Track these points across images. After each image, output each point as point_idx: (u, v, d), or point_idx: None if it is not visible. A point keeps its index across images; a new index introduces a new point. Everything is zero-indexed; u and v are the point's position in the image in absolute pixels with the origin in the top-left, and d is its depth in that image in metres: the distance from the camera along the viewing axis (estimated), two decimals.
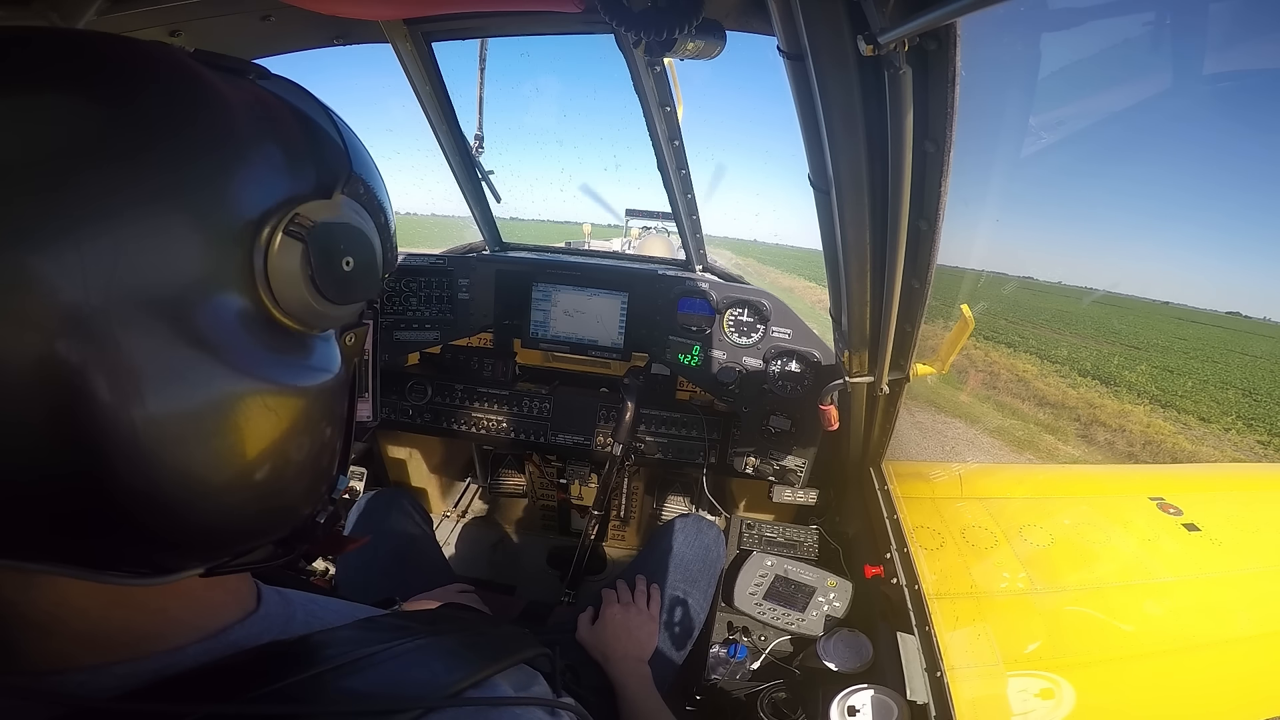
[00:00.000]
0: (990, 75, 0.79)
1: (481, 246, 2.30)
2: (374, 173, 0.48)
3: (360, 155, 0.46)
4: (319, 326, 0.42)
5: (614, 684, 1.21)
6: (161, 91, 0.35)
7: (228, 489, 0.38)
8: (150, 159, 0.33)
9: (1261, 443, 14.15)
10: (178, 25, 1.07)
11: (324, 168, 0.42)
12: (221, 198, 0.35)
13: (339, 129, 0.46)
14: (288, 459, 0.41)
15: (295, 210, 0.38)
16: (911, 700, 1.09)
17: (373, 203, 0.46)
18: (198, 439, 0.35)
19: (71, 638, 0.39)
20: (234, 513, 0.39)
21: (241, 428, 0.37)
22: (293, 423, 0.40)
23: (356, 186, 0.44)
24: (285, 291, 0.38)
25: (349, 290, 0.43)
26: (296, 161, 0.40)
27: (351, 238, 0.43)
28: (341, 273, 0.42)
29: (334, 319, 0.44)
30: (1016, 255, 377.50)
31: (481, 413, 2.03)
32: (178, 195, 0.33)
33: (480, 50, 2.04)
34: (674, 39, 0.85)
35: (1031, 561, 1.66)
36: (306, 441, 0.42)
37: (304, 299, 0.40)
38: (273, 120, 0.40)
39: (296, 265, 0.39)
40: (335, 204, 0.42)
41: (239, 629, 0.46)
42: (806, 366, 1.84)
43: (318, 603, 0.56)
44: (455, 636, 0.55)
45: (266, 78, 0.43)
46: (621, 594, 1.40)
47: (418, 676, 0.47)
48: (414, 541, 1.57)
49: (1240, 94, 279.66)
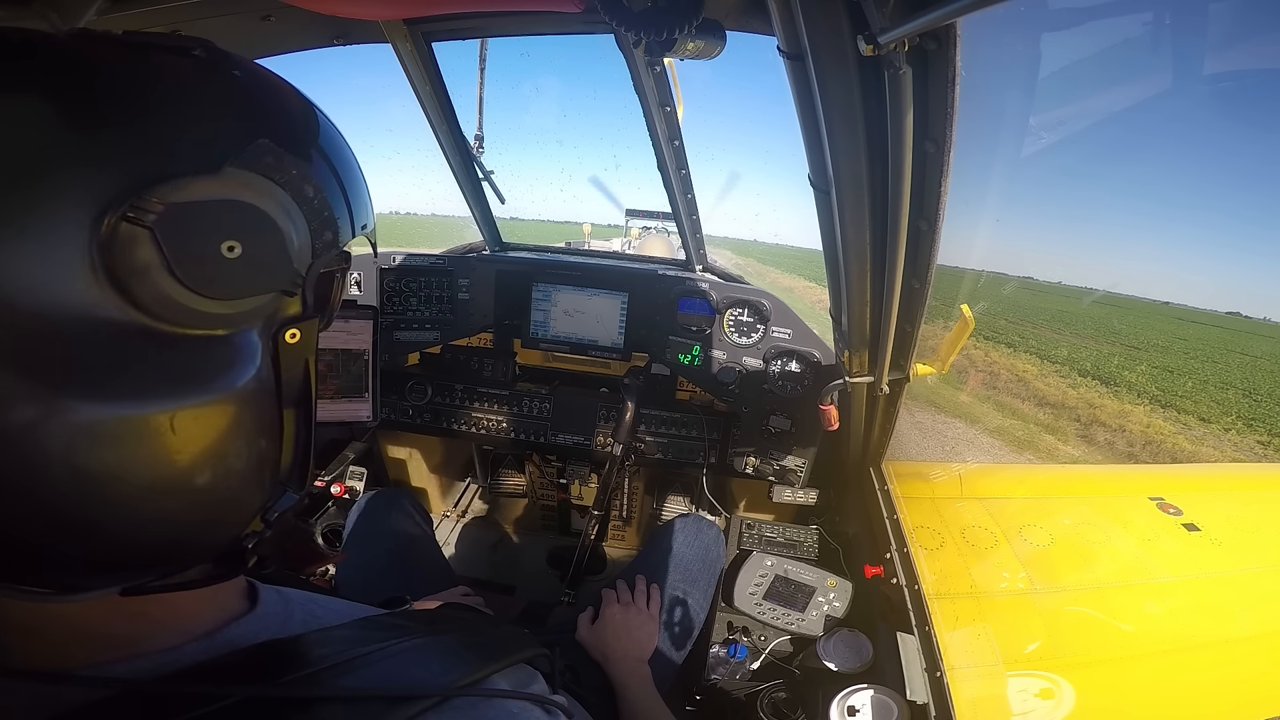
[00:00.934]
0: (990, 75, 0.79)
1: (481, 246, 2.30)
2: (309, 140, 0.42)
3: (286, 121, 0.41)
4: (205, 325, 0.37)
5: (614, 684, 1.21)
6: None
7: (118, 510, 0.35)
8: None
9: (1261, 443, 14.15)
10: (177, 25, 1.07)
11: (208, 139, 0.36)
12: (34, 192, 0.30)
13: (251, 92, 0.40)
14: (189, 477, 0.37)
15: (141, 193, 0.33)
16: (911, 700, 1.09)
17: (291, 174, 0.39)
18: (78, 466, 0.32)
19: (57, 638, 0.39)
20: (132, 534, 0.37)
21: (131, 452, 0.34)
22: (190, 439, 0.36)
23: (262, 157, 0.38)
24: (135, 287, 0.33)
25: (234, 280, 0.37)
26: (156, 136, 0.34)
27: (238, 218, 0.36)
28: (220, 259, 0.36)
29: (226, 317, 0.37)
30: (1016, 255, 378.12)
31: (481, 413, 2.03)
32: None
33: (480, 50, 2.04)
34: (674, 39, 0.85)
35: (1031, 561, 1.66)
36: (213, 456, 0.38)
37: (166, 295, 0.34)
38: (127, 91, 0.35)
39: (144, 256, 0.33)
40: (217, 180, 0.36)
41: (234, 629, 0.46)
42: (806, 366, 1.84)
43: (318, 602, 0.56)
44: (453, 636, 0.55)
45: (184, 52, 0.38)
46: (621, 594, 1.40)
47: (415, 675, 0.47)
48: (414, 542, 1.57)
49: (1240, 94, 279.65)
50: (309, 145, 0.42)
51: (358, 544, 1.54)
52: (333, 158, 0.43)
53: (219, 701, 0.37)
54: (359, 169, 0.47)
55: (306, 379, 0.44)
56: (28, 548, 0.34)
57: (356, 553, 1.52)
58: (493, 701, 0.49)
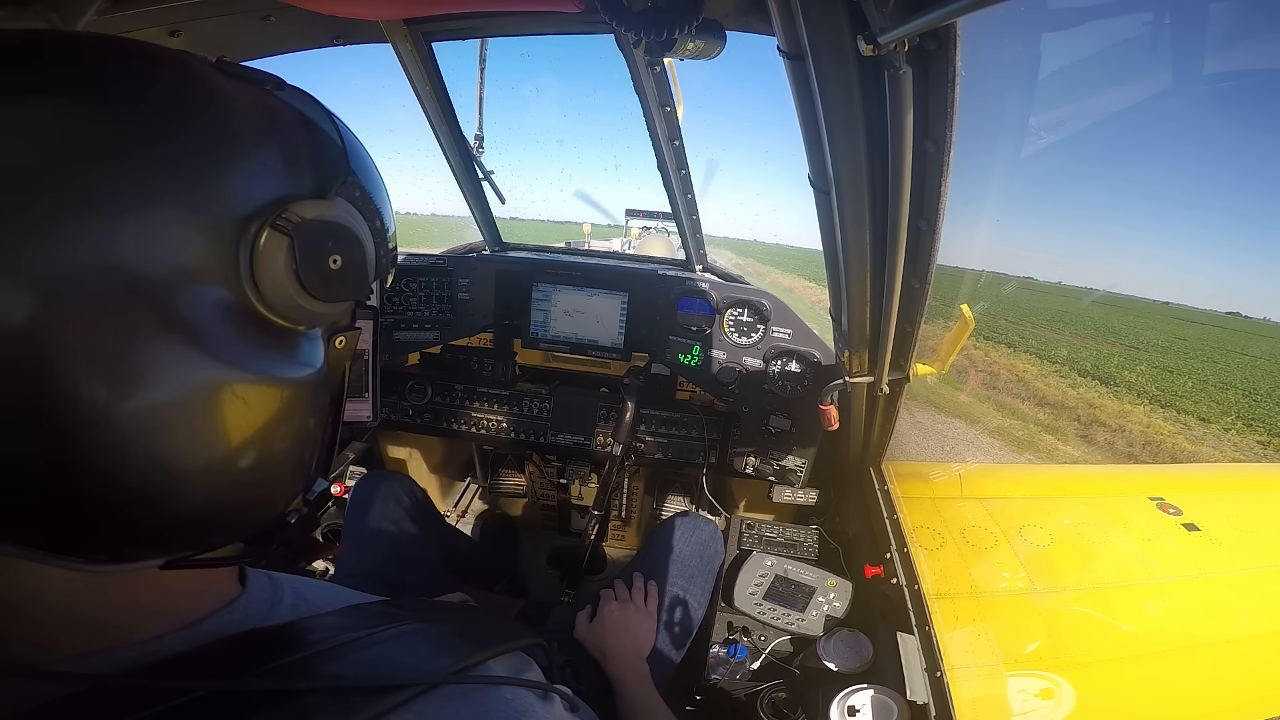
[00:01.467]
0: (990, 75, 0.79)
1: (481, 246, 2.30)
2: (374, 179, 0.49)
3: (360, 161, 0.48)
4: (304, 323, 0.43)
5: (612, 681, 1.21)
6: (163, 94, 0.37)
7: (193, 477, 0.38)
8: (146, 156, 0.34)
9: (1261, 443, 14.14)
10: (178, 25, 1.07)
11: (321, 170, 0.43)
12: (212, 194, 0.37)
13: (341, 135, 0.47)
14: (258, 452, 0.41)
15: (285, 207, 0.39)
16: (911, 700, 1.09)
17: (369, 207, 0.47)
18: (167, 423, 0.36)
19: (47, 626, 0.39)
20: (198, 504, 0.39)
21: (213, 414, 0.38)
22: (266, 415, 0.41)
23: (353, 190, 0.46)
24: (269, 285, 0.39)
25: (335, 288, 0.43)
26: (293, 164, 0.42)
27: (341, 237, 0.44)
28: (328, 270, 0.43)
29: (319, 316, 0.44)
30: (1016, 255, 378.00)
31: (481, 413, 2.03)
32: (169, 188, 0.35)
33: (480, 50, 2.04)
34: (674, 39, 0.85)
35: (1031, 561, 1.65)
36: (279, 436, 0.42)
37: (287, 294, 0.40)
38: (274, 124, 0.42)
39: (281, 260, 0.39)
40: (328, 204, 0.43)
41: (218, 618, 0.46)
42: (806, 366, 1.84)
43: (309, 586, 0.55)
44: (445, 624, 0.55)
45: (283, 88, 0.45)
46: (619, 592, 1.40)
47: (404, 661, 0.47)
48: (412, 542, 1.55)
49: (1240, 94, 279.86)
50: (376, 185, 0.50)
51: (351, 543, 1.52)
52: (385, 200, 0.51)
53: (188, 694, 0.38)
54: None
55: (342, 380, 0.50)
56: (96, 514, 0.36)
57: (351, 554, 1.50)
58: (483, 688, 0.49)
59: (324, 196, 0.43)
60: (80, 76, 0.34)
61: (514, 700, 0.50)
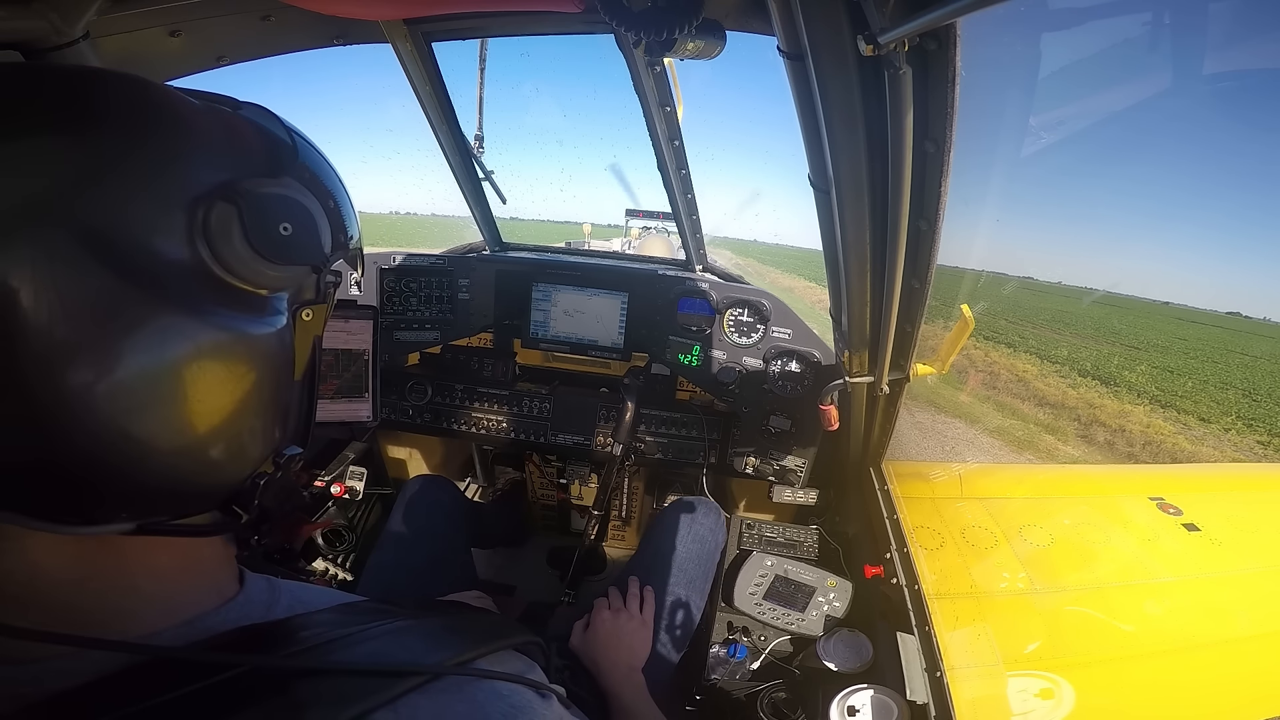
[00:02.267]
0: (990, 75, 0.79)
1: (481, 246, 2.30)
2: (325, 169, 0.55)
3: (308, 152, 0.54)
4: (261, 285, 0.47)
5: (607, 693, 1.18)
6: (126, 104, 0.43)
7: (155, 432, 0.41)
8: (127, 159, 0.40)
9: (1261, 443, 14.14)
10: (178, 25, 1.07)
11: (271, 158, 0.49)
12: (174, 177, 0.42)
13: (290, 134, 0.53)
14: (219, 407, 0.44)
15: (236, 185, 0.45)
16: (911, 700, 1.09)
17: (319, 187, 0.52)
18: (128, 370, 0.39)
19: (46, 613, 0.40)
20: (158, 459, 0.41)
21: (174, 365, 0.41)
22: (226, 369, 0.44)
23: (302, 171, 0.51)
24: (225, 250, 0.44)
25: (286, 251, 0.48)
26: (243, 154, 0.47)
27: (290, 208, 0.48)
28: (278, 235, 0.47)
29: (275, 278, 0.48)
30: (1016, 255, 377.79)
31: (481, 413, 2.03)
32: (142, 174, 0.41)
33: (480, 50, 2.04)
34: (674, 39, 0.85)
35: (1031, 561, 1.66)
36: (245, 396, 0.46)
37: (239, 255, 0.44)
38: (226, 126, 0.48)
39: (231, 224, 0.44)
40: (278, 182, 0.48)
41: (216, 615, 0.47)
42: (806, 366, 1.84)
43: (307, 589, 0.56)
44: (440, 620, 0.55)
45: (239, 107, 0.51)
46: (613, 600, 1.37)
47: (397, 656, 0.48)
48: (448, 545, 1.54)
49: (1240, 94, 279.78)
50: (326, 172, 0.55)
51: (394, 541, 1.52)
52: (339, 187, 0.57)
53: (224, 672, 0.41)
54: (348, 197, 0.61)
55: (314, 356, 0.54)
56: (64, 474, 0.38)
57: (390, 551, 1.50)
58: (482, 682, 0.49)
59: (273, 175, 0.48)
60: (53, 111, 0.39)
61: (511, 696, 0.50)
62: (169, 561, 0.46)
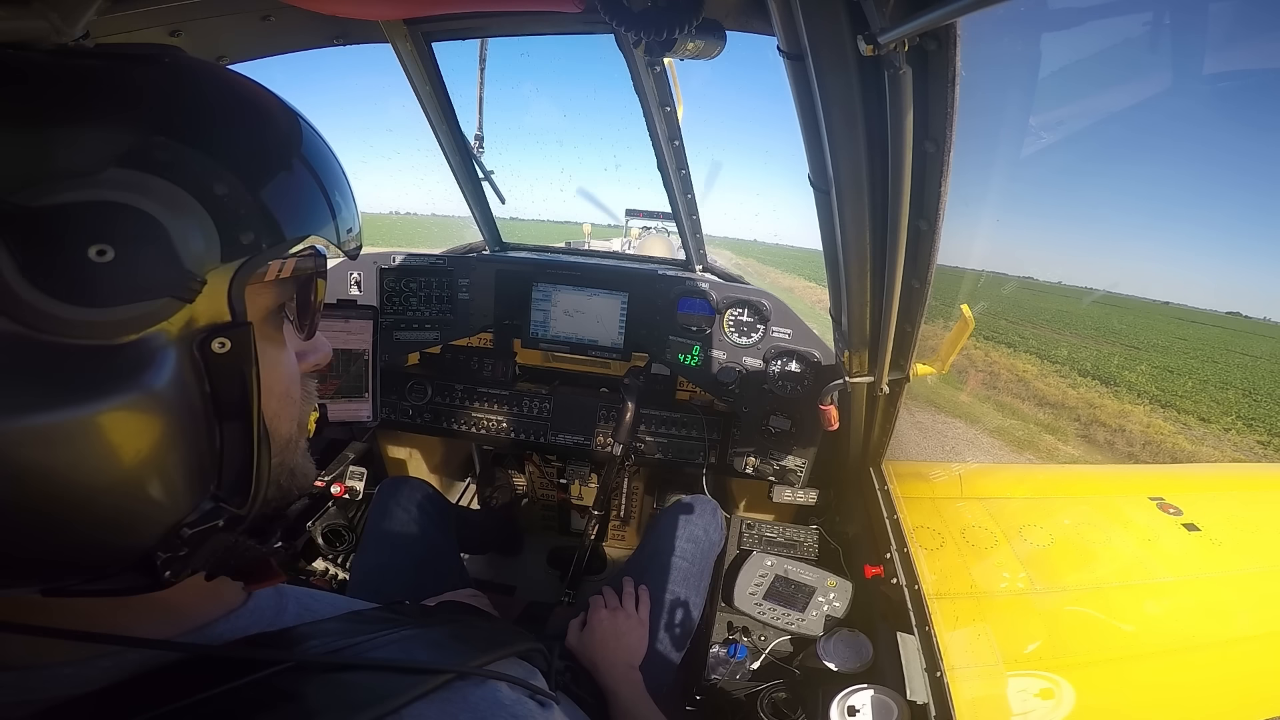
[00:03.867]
0: (990, 75, 0.79)
1: (481, 246, 2.30)
2: (236, 138, 0.40)
3: (197, 118, 0.39)
4: (84, 334, 0.34)
5: (606, 692, 1.18)
6: None
7: (19, 524, 0.34)
8: None
9: (1261, 443, 14.14)
10: (178, 25, 1.07)
11: (97, 143, 0.34)
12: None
13: (183, 89, 0.39)
14: (82, 486, 0.34)
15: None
16: (911, 700, 1.09)
17: (199, 173, 0.37)
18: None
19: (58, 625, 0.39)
20: (33, 543, 0.35)
21: (18, 457, 0.32)
22: (78, 447, 0.34)
23: (152, 155, 0.36)
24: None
25: (107, 285, 0.34)
26: (38, 142, 0.33)
27: (109, 221, 0.34)
28: (88, 264, 0.33)
29: (108, 324, 0.34)
30: (1016, 255, 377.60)
31: (481, 413, 2.03)
32: None
33: (480, 50, 2.04)
34: (674, 39, 0.85)
35: (1031, 561, 1.66)
36: (106, 466, 0.35)
37: (26, 302, 0.32)
38: (28, 98, 0.34)
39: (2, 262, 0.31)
40: (91, 184, 0.34)
41: (225, 623, 0.47)
42: (806, 366, 1.84)
43: (314, 596, 0.56)
44: (444, 629, 0.55)
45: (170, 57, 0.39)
46: (609, 599, 1.36)
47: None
48: (433, 546, 1.54)
49: (1240, 94, 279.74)
50: (234, 140, 0.39)
51: (374, 544, 1.52)
52: (280, 153, 0.42)
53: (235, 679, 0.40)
54: (330, 169, 0.45)
55: (244, 391, 0.41)
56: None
57: (373, 554, 1.50)
58: (485, 689, 0.49)
59: (85, 174, 0.33)
60: None
61: (513, 706, 0.50)
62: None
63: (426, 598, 1.32)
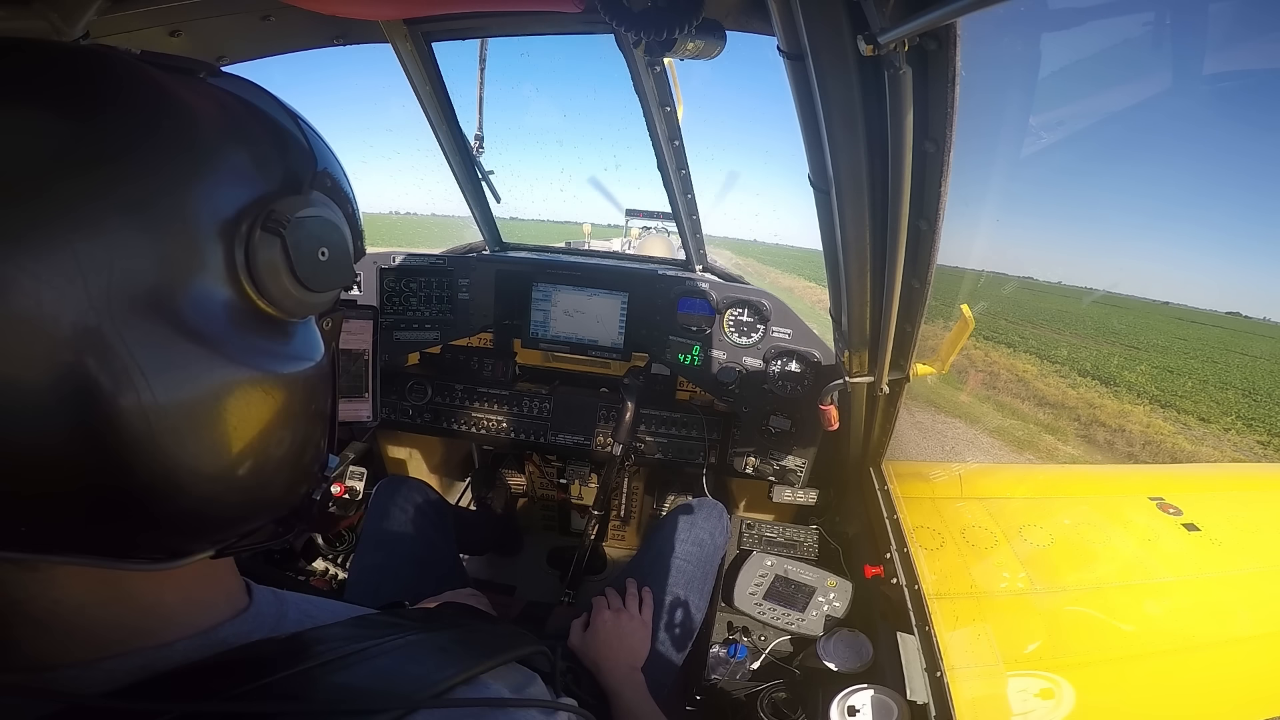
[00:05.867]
0: (990, 75, 0.79)
1: (481, 246, 2.30)
2: (337, 166, 0.51)
3: (323, 150, 0.49)
4: (300, 314, 0.45)
5: (608, 693, 1.18)
6: (124, 103, 0.37)
7: (234, 470, 0.40)
8: (120, 169, 0.35)
9: (1261, 443, 14.14)
10: (178, 25, 1.07)
11: (290, 164, 0.45)
12: (196, 200, 0.38)
13: (300, 126, 0.48)
14: (285, 438, 0.44)
15: (270, 207, 0.41)
16: (911, 700, 1.09)
17: (339, 194, 0.49)
18: (204, 426, 0.38)
19: (67, 633, 0.39)
20: (240, 493, 0.42)
21: (242, 411, 0.40)
22: (287, 404, 0.43)
23: (324, 180, 0.47)
24: (268, 284, 0.41)
25: (326, 278, 0.46)
26: (264, 161, 0.43)
27: (324, 229, 0.46)
28: (318, 263, 0.45)
29: (313, 305, 0.46)
30: (1016, 255, 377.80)
31: (481, 413, 2.03)
32: (152, 201, 0.36)
33: (480, 50, 2.04)
34: (674, 39, 0.85)
35: (1031, 561, 1.65)
36: (301, 421, 0.45)
37: (285, 289, 0.42)
38: (234, 122, 0.43)
39: (276, 258, 0.41)
40: (305, 199, 0.44)
41: (229, 626, 0.47)
42: (806, 366, 1.84)
43: (313, 603, 0.56)
44: (449, 633, 0.55)
45: (217, 75, 0.45)
46: (611, 600, 1.37)
47: (409, 672, 0.48)
48: (431, 545, 1.54)
49: (1240, 94, 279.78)
50: (339, 172, 0.51)
51: (373, 543, 1.52)
52: (346, 180, 0.53)
53: (161, 717, 0.38)
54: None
55: (333, 359, 0.53)
56: (151, 518, 0.38)
57: (372, 554, 1.50)
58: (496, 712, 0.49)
59: (299, 191, 0.44)
60: (32, 89, 0.34)
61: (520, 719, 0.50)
62: (191, 571, 0.44)
63: (425, 598, 1.32)
